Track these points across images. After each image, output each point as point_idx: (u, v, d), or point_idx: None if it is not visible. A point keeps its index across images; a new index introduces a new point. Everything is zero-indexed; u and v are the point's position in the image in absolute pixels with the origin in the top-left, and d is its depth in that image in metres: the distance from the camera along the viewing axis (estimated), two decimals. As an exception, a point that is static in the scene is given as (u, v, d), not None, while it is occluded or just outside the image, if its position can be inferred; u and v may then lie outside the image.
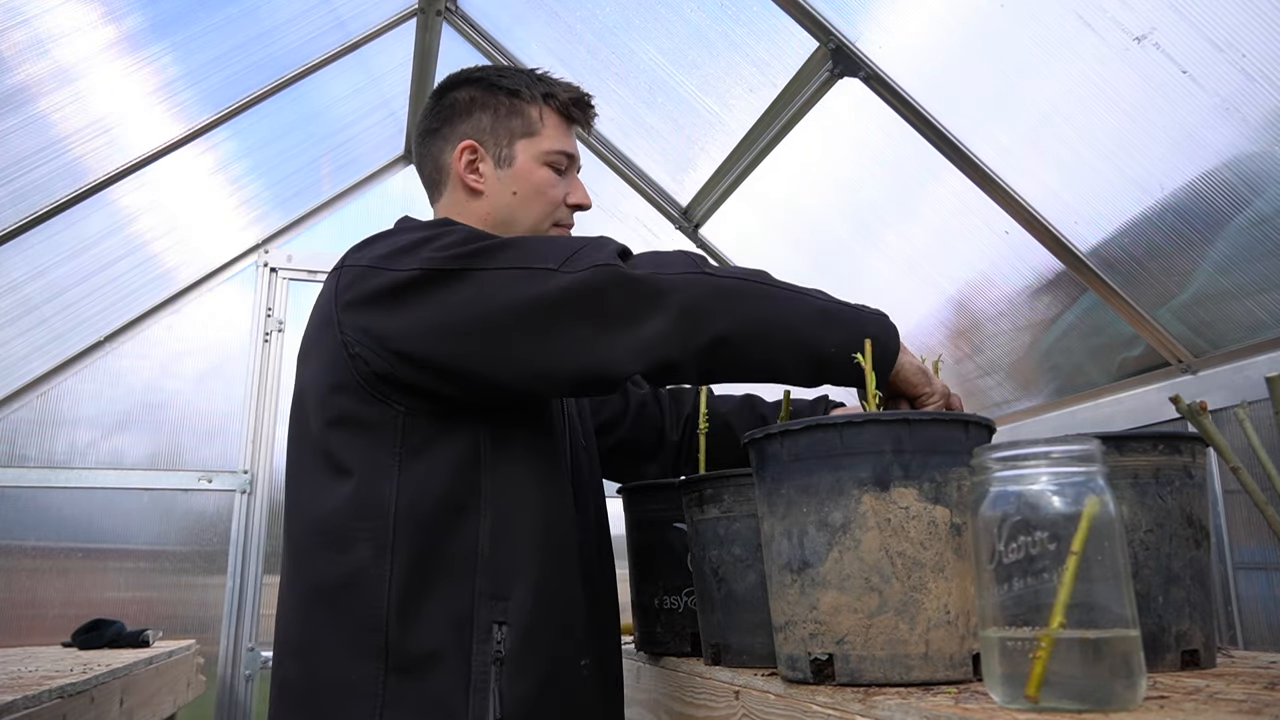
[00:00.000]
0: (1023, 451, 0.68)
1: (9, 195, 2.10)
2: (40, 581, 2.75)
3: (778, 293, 1.04)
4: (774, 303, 1.03)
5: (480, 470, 1.07)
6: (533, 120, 1.28)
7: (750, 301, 1.02)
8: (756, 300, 1.02)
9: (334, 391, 1.08)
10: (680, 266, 1.04)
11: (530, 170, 1.27)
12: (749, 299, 1.02)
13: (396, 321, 1.04)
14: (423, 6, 2.47)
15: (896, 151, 1.86)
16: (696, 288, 1.02)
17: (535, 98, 1.29)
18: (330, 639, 1.04)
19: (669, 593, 1.24)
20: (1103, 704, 0.62)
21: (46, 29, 1.81)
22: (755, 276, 1.05)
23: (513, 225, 1.27)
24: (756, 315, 1.02)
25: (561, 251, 1.04)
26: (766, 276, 1.06)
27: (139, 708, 1.96)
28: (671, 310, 1.00)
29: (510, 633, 1.03)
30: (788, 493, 0.86)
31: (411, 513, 1.04)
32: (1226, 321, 1.59)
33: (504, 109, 1.28)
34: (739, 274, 1.05)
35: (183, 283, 3.05)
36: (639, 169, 2.54)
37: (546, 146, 1.28)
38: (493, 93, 1.29)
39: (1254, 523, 1.59)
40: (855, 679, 0.80)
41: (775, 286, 1.05)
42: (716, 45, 1.98)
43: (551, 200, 1.28)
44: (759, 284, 1.04)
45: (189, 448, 2.99)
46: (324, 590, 1.06)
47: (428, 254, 1.04)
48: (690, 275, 1.02)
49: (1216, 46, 1.29)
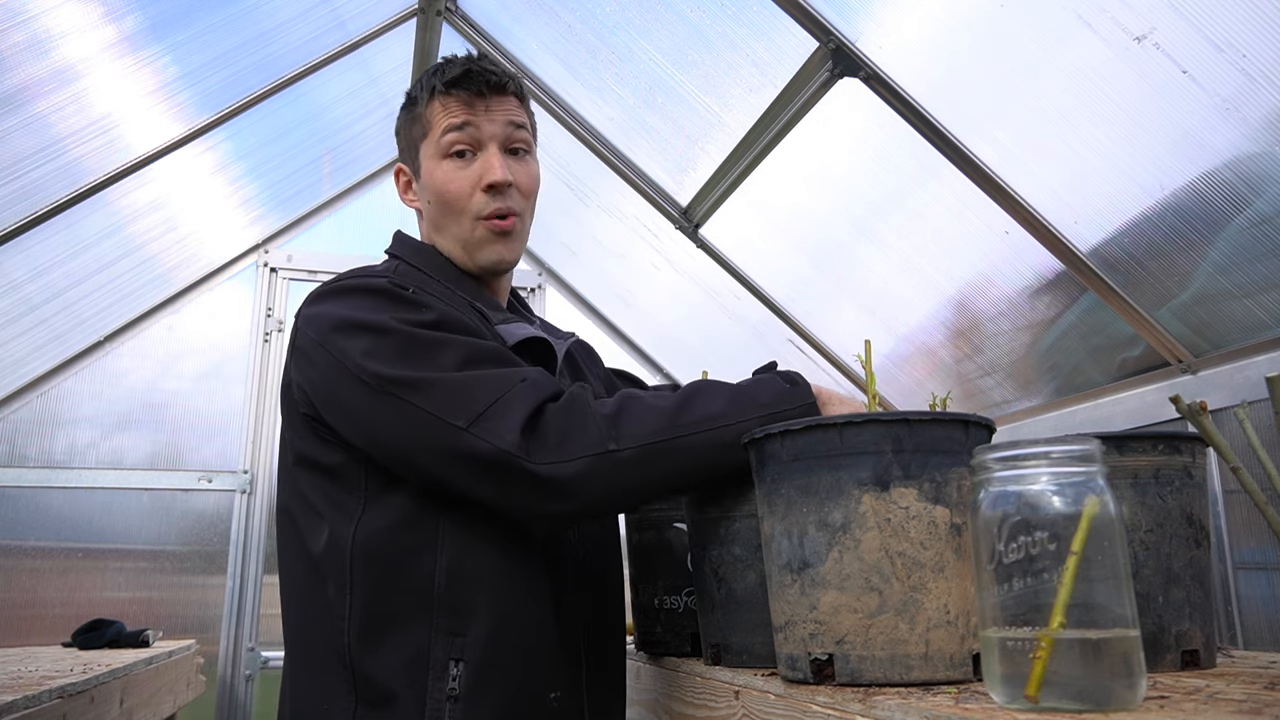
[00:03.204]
0: (1023, 451, 0.68)
1: (9, 195, 2.10)
2: (40, 581, 2.75)
3: (684, 446, 1.01)
4: (676, 462, 1.01)
5: (439, 510, 1.07)
6: (424, 120, 1.23)
7: (650, 469, 1.01)
8: (658, 465, 1.01)
9: (297, 434, 1.13)
10: (587, 446, 0.99)
11: (430, 172, 1.22)
12: (650, 466, 1.01)
13: (328, 406, 1.08)
14: (423, 6, 2.47)
15: (896, 151, 1.86)
16: (598, 477, 0.99)
17: (424, 95, 1.23)
18: (311, 667, 1.08)
19: (669, 593, 1.24)
20: (1103, 704, 0.62)
21: (46, 29, 1.81)
22: (663, 433, 1.01)
23: (443, 234, 1.25)
24: (657, 480, 1.02)
25: (475, 404, 1.00)
26: (675, 425, 1.02)
27: (139, 708, 1.96)
28: (570, 502, 0.99)
29: (466, 669, 1.03)
30: (788, 492, 0.86)
31: (366, 551, 1.06)
32: (1226, 321, 1.59)
33: (408, 121, 1.27)
34: (645, 438, 1.00)
35: (183, 283, 3.06)
36: (639, 169, 2.54)
37: (435, 136, 1.21)
38: (404, 110, 1.28)
39: (1254, 523, 1.59)
40: (855, 679, 0.80)
41: (683, 437, 1.01)
42: (716, 45, 1.98)
43: (457, 193, 1.20)
44: (664, 443, 1.00)
45: (189, 448, 3.00)
46: (303, 622, 1.11)
47: (359, 355, 1.03)
48: (593, 460, 0.98)
49: (1216, 46, 1.29)
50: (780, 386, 1.07)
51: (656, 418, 1.02)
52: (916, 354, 2.30)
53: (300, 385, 1.11)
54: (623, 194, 2.67)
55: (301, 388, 1.10)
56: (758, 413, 1.03)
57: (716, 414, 1.03)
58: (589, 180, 2.78)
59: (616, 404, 1.03)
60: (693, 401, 1.04)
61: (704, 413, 1.03)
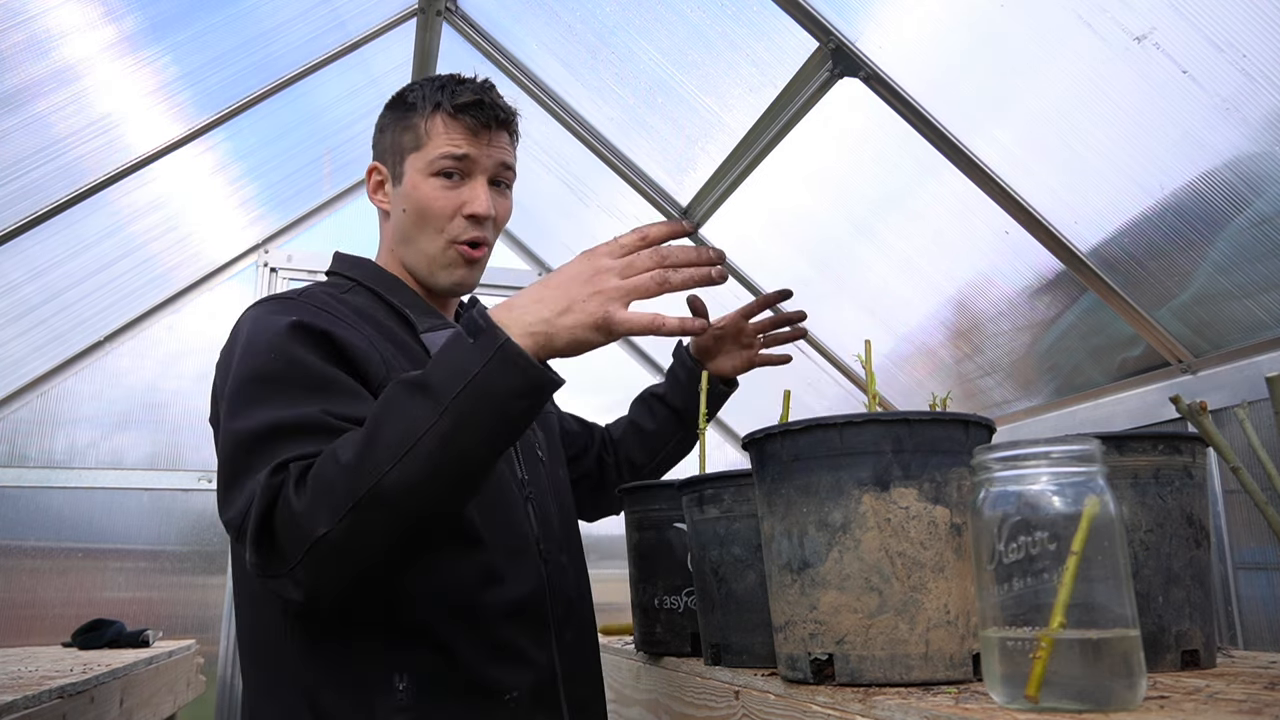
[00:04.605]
0: (1023, 451, 0.68)
1: (9, 195, 2.10)
2: (40, 581, 2.75)
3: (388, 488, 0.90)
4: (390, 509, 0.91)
5: None
6: (420, 132, 1.23)
7: (370, 531, 0.92)
8: (374, 524, 0.91)
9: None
10: (303, 543, 0.92)
11: (415, 185, 1.22)
12: (368, 529, 0.92)
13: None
14: (423, 6, 2.47)
15: (896, 151, 1.86)
16: (324, 571, 0.93)
17: (426, 108, 1.23)
18: (262, 687, 1.10)
19: (669, 593, 1.24)
20: (1103, 704, 0.62)
21: (46, 29, 1.81)
22: (358, 491, 0.90)
23: (409, 245, 1.25)
24: (387, 533, 0.93)
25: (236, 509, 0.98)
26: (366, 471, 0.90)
27: (139, 708, 1.96)
28: (316, 594, 0.95)
29: (412, 681, 1.04)
30: (788, 493, 0.86)
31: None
32: (1226, 321, 1.59)
33: (399, 125, 1.26)
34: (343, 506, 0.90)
35: (183, 283, 3.06)
36: (639, 169, 2.54)
37: (430, 155, 1.21)
38: (395, 110, 1.28)
39: (1254, 523, 1.59)
40: (855, 679, 0.80)
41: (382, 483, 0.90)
42: (716, 45, 1.98)
43: (438, 213, 1.21)
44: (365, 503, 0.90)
45: (189, 448, 2.99)
46: (253, 639, 1.12)
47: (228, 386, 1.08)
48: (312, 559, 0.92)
49: (1216, 46, 1.29)
50: (461, 349, 0.93)
51: (345, 474, 0.91)
52: (916, 354, 2.30)
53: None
54: (623, 194, 2.67)
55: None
56: (447, 400, 0.91)
57: (404, 433, 0.91)
58: (589, 180, 2.78)
59: (313, 477, 0.93)
60: (376, 433, 0.92)
61: (390, 439, 0.91)
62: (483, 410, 0.91)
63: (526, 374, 0.92)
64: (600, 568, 3.15)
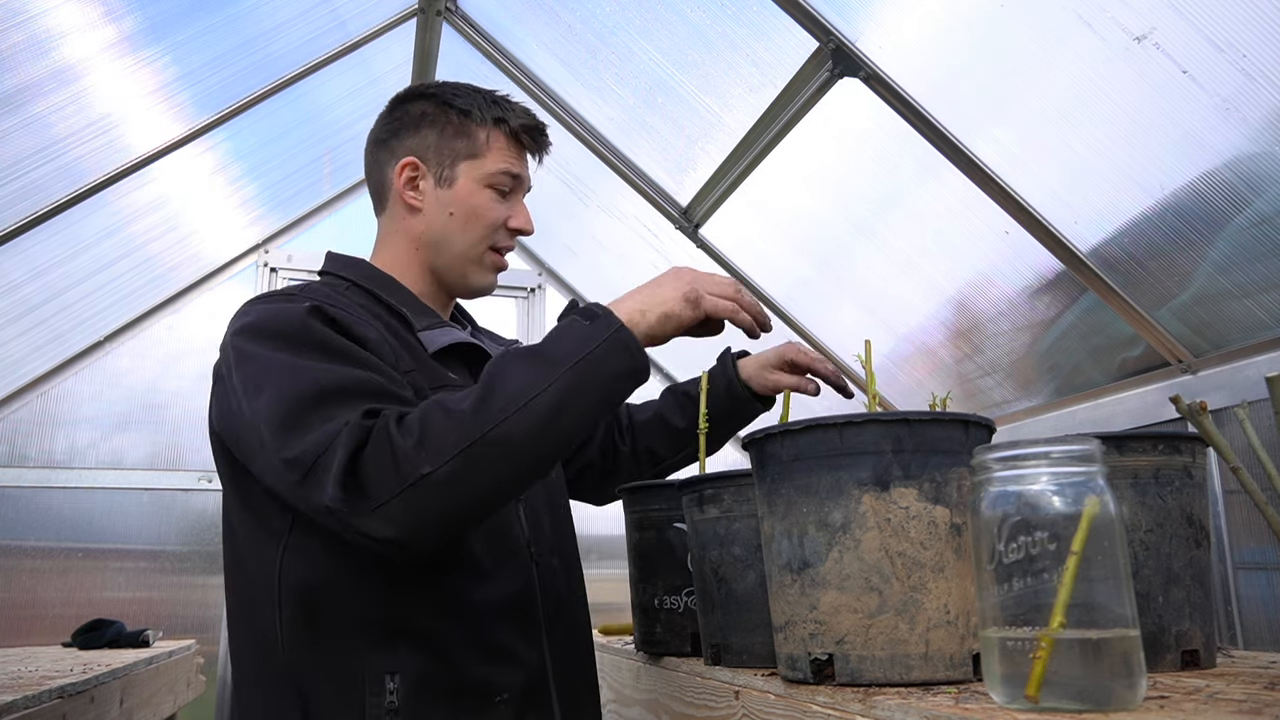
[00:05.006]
0: (1023, 451, 0.68)
1: (8, 196, 2.10)
2: (40, 581, 2.75)
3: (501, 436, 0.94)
4: (500, 457, 0.95)
5: None
6: (480, 142, 1.26)
7: (477, 477, 0.95)
8: (482, 469, 0.95)
9: (223, 463, 1.15)
10: (401, 480, 0.94)
11: (471, 192, 1.25)
12: (474, 475, 0.95)
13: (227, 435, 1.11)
14: (423, 6, 2.47)
15: (896, 151, 1.86)
16: (421, 508, 0.94)
17: (486, 120, 1.27)
18: (250, 689, 1.10)
19: (669, 593, 1.24)
20: (1103, 704, 0.62)
21: (46, 29, 1.81)
22: (471, 435, 0.94)
23: (445, 246, 1.26)
24: (491, 481, 0.96)
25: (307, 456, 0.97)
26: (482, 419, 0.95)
27: (139, 708, 1.96)
28: (404, 535, 0.95)
29: (403, 682, 1.04)
30: (788, 493, 0.86)
31: (296, 573, 1.07)
32: (1226, 321, 1.59)
33: (452, 128, 1.27)
34: (455, 447, 0.94)
35: (183, 283, 3.06)
36: (639, 169, 2.54)
37: (490, 168, 1.26)
38: (444, 110, 1.28)
39: (1254, 523, 1.59)
40: (855, 679, 0.80)
41: (495, 429, 0.94)
42: (716, 45, 1.98)
43: (489, 223, 1.26)
44: (477, 448, 0.94)
45: (189, 448, 2.99)
46: (241, 642, 1.12)
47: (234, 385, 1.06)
48: (410, 495, 0.93)
49: (1216, 46, 1.29)
50: (580, 328, 1.02)
51: (460, 421, 0.95)
52: (916, 354, 2.30)
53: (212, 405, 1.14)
54: (622, 194, 2.67)
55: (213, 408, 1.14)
56: (565, 366, 0.98)
57: (522, 388, 0.96)
58: (589, 180, 2.78)
59: (419, 420, 0.96)
60: (493, 387, 0.97)
61: (508, 393, 0.96)
62: (593, 383, 0.99)
63: (635, 359, 1.03)
64: (600, 568, 3.15)
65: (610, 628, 2.05)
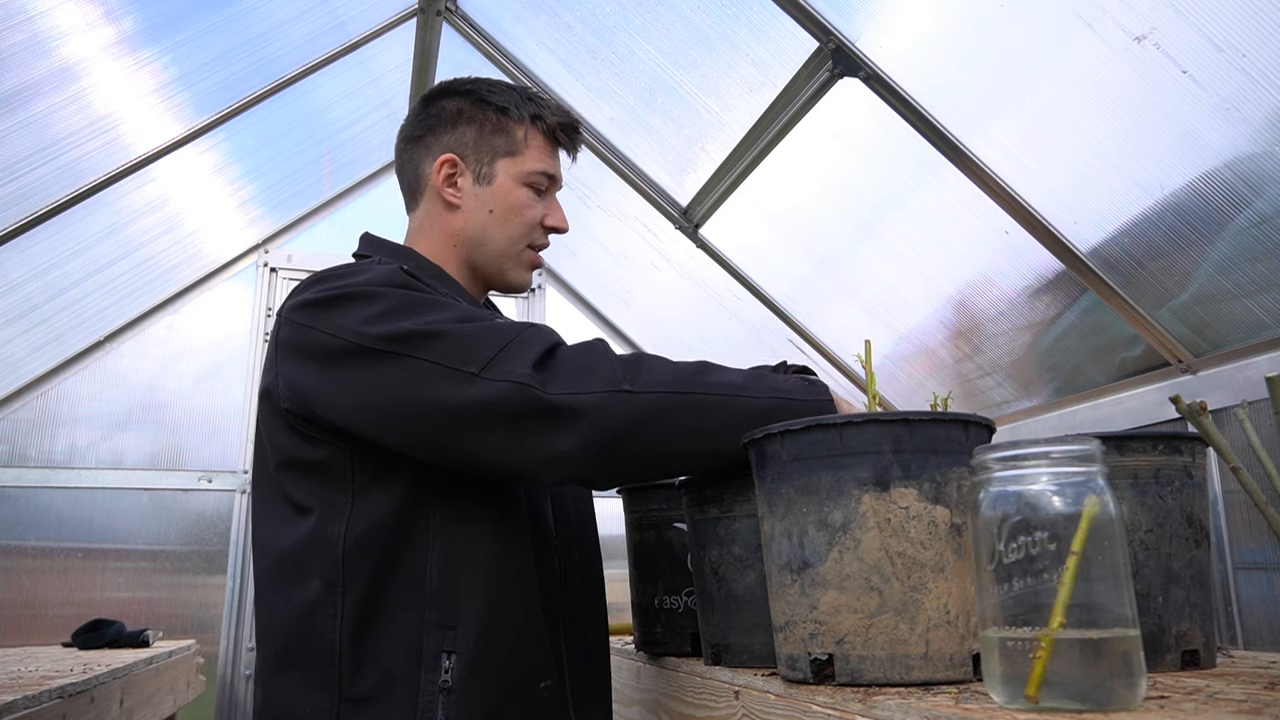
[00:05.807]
0: (1023, 451, 0.68)
1: (8, 196, 2.10)
2: (40, 581, 2.75)
3: (702, 402, 1.00)
4: (694, 418, 1.00)
5: (429, 502, 1.07)
6: (517, 139, 1.26)
7: (667, 420, 0.99)
8: (675, 417, 1.00)
9: (280, 436, 1.11)
10: (600, 383, 0.98)
11: (509, 190, 1.26)
12: (666, 417, 0.99)
13: (323, 389, 1.05)
14: (423, 6, 2.47)
15: (897, 151, 1.86)
16: (611, 412, 0.98)
17: (523, 117, 1.27)
18: (287, 670, 1.07)
19: (669, 593, 1.24)
20: (1103, 704, 0.62)
21: (46, 29, 1.81)
22: (681, 386, 1.00)
23: (485, 243, 1.26)
24: (673, 434, 1.00)
25: (484, 351, 1.00)
26: (694, 382, 1.01)
27: (139, 708, 1.96)
28: (583, 435, 0.97)
29: (458, 662, 1.04)
30: (788, 493, 0.86)
31: (359, 547, 1.06)
32: (1226, 321, 1.59)
33: (490, 125, 1.26)
34: (663, 386, 1.00)
35: (183, 283, 3.06)
36: (639, 169, 2.54)
37: (528, 166, 1.26)
38: (480, 107, 1.27)
39: (1254, 523, 1.59)
40: (855, 679, 0.80)
41: (700, 395, 1.00)
42: (716, 45, 1.98)
43: (527, 221, 1.27)
44: (681, 396, 1.00)
45: (189, 448, 3.00)
46: (282, 623, 1.09)
47: (357, 322, 1.03)
48: (607, 395, 0.98)
49: (1216, 46, 1.29)
50: (798, 381, 1.08)
51: (675, 371, 1.02)
52: (916, 354, 2.30)
53: (286, 378, 1.08)
54: (623, 194, 2.67)
55: (288, 380, 1.08)
56: (775, 395, 1.03)
57: (736, 385, 1.02)
58: (589, 180, 2.78)
59: (634, 355, 1.04)
60: (711, 369, 1.04)
61: (723, 380, 1.03)
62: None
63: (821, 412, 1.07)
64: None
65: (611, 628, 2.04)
